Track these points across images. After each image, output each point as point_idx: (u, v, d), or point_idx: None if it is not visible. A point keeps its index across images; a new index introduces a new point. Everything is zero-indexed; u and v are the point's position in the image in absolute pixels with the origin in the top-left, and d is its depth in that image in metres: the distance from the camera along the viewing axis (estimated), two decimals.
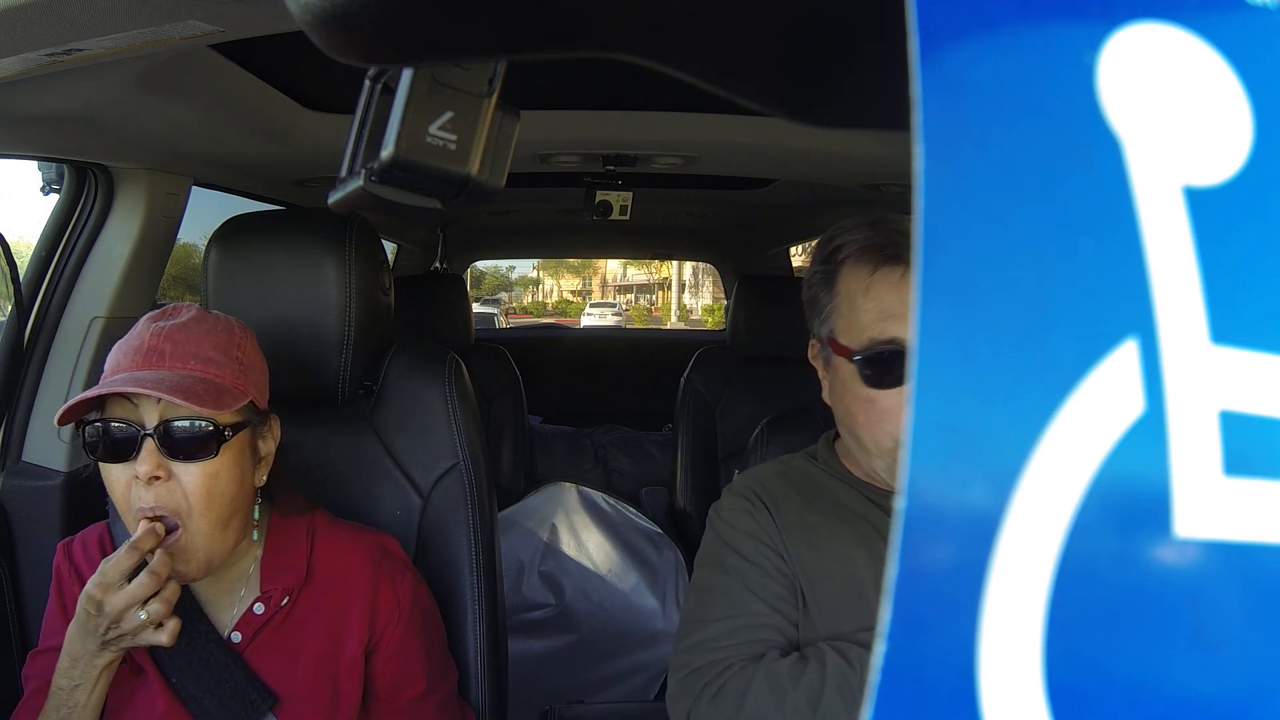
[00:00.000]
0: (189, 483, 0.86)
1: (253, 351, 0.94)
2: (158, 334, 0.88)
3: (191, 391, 0.83)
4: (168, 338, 0.87)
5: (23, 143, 1.13)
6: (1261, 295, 0.19)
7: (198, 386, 0.85)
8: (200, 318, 0.91)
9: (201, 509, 0.86)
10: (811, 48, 0.27)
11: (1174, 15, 0.19)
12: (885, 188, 1.78)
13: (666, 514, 2.36)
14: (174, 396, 0.82)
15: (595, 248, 4.38)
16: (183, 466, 0.85)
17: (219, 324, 0.92)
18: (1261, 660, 0.18)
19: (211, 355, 0.88)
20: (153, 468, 0.84)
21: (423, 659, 1.00)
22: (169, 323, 0.89)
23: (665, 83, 0.36)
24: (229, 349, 0.90)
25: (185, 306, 0.93)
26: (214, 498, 0.87)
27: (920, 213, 0.17)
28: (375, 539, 1.02)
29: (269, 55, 1.08)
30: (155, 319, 0.90)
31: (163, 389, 0.83)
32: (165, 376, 0.85)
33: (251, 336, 0.95)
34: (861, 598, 0.91)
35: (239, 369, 0.90)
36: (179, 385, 0.84)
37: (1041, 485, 0.17)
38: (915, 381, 0.17)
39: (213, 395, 0.85)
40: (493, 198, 0.37)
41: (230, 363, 0.90)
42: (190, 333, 0.89)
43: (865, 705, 0.17)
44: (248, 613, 0.94)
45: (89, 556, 0.96)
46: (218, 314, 0.94)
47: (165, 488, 0.85)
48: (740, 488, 1.01)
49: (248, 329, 0.95)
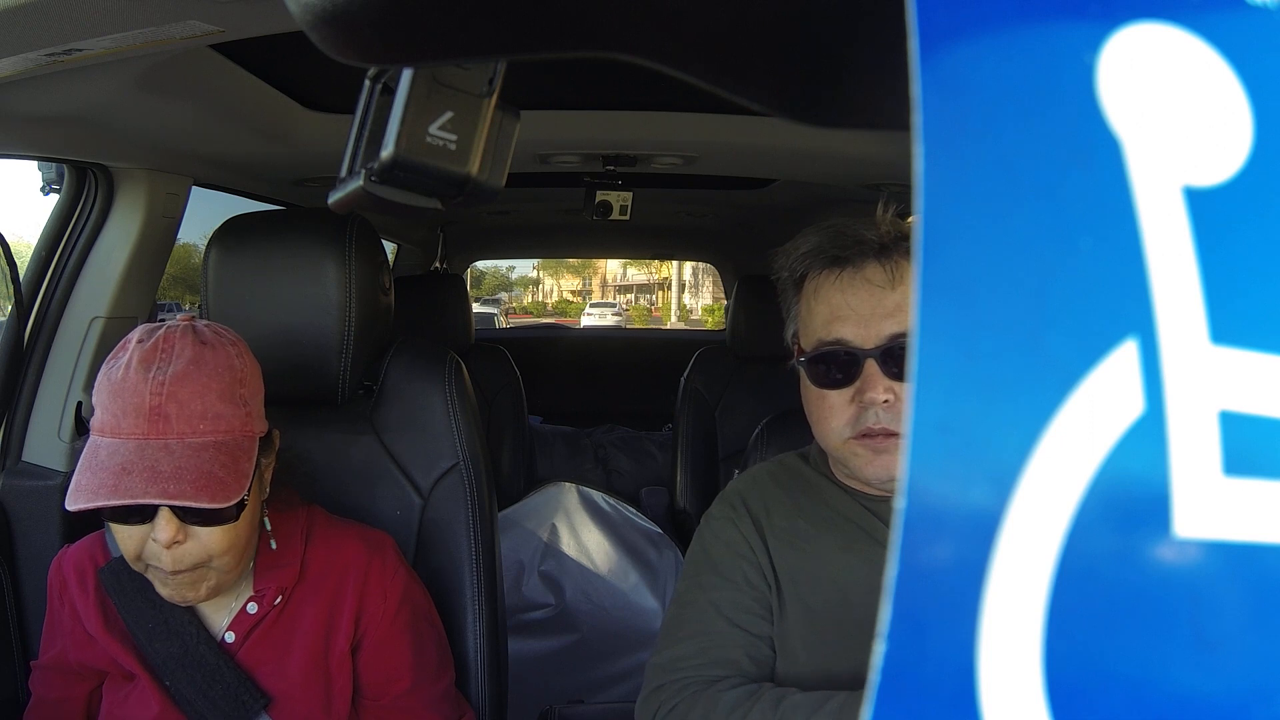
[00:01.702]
0: (209, 541, 0.83)
1: (252, 374, 0.89)
2: (158, 389, 0.80)
3: (212, 477, 0.79)
4: (170, 395, 0.80)
5: (23, 143, 1.13)
6: (1261, 295, 0.19)
7: (216, 466, 0.80)
8: (198, 359, 0.83)
9: (221, 555, 0.85)
10: (811, 47, 0.27)
11: (1174, 15, 0.19)
12: (885, 188, 1.78)
13: (666, 514, 2.36)
14: (195, 499, 0.77)
15: (595, 248, 4.38)
16: (202, 529, 0.83)
17: (219, 360, 0.84)
18: (1261, 660, 0.18)
19: (219, 409, 0.83)
20: (173, 535, 0.81)
21: (409, 655, 0.99)
22: (168, 370, 0.81)
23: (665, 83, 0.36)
24: (233, 390, 0.84)
25: (179, 333, 0.85)
26: (234, 545, 0.86)
27: (920, 213, 0.17)
28: (370, 536, 1.02)
29: (269, 55, 1.08)
30: (149, 361, 0.82)
31: (189, 485, 0.78)
32: (179, 457, 0.79)
33: (245, 351, 0.89)
34: (845, 602, 0.91)
35: (245, 410, 0.85)
36: (200, 473, 0.79)
37: (1041, 485, 0.17)
38: (915, 381, 0.17)
39: (230, 468, 0.81)
40: (493, 197, 0.37)
41: (237, 408, 0.84)
42: (193, 384, 0.82)
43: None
44: (241, 612, 0.94)
45: (81, 576, 0.95)
46: (212, 339, 0.86)
47: (184, 549, 0.83)
48: (729, 494, 1.03)
49: (239, 342, 0.89)
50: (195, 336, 0.85)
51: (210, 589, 0.87)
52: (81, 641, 0.94)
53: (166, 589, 0.86)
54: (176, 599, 0.87)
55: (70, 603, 0.95)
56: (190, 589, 0.86)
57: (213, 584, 0.87)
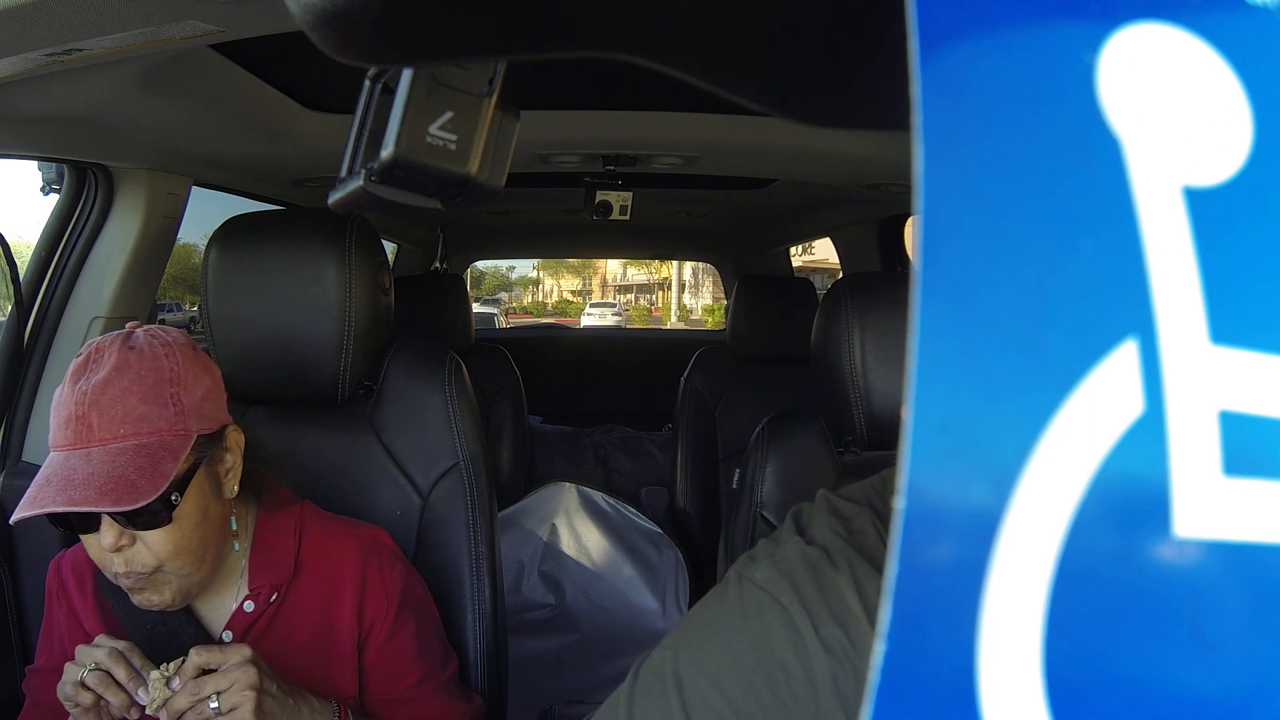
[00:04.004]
0: (154, 544, 0.84)
1: (191, 375, 0.86)
2: (81, 398, 0.81)
3: (123, 480, 0.79)
4: (92, 404, 0.81)
5: (23, 143, 1.13)
6: (1261, 295, 0.19)
7: (130, 469, 0.80)
8: (122, 365, 0.83)
9: (171, 559, 0.85)
10: (811, 47, 0.27)
11: (1174, 15, 0.19)
12: (885, 188, 1.78)
13: (666, 514, 2.37)
14: (98, 503, 0.77)
15: (595, 248, 4.39)
16: (143, 534, 0.83)
17: (145, 364, 0.84)
18: (1261, 660, 0.18)
19: (142, 411, 0.82)
20: (115, 540, 0.82)
21: (415, 648, 1.00)
22: (91, 380, 0.82)
23: (665, 83, 0.36)
24: (159, 392, 0.84)
25: (110, 342, 0.85)
26: (181, 548, 0.85)
27: (920, 213, 0.17)
28: (364, 531, 1.02)
29: (269, 55, 1.08)
30: (79, 372, 0.83)
31: (94, 491, 0.78)
32: (96, 463, 0.79)
33: (188, 352, 0.87)
34: None
35: (175, 411, 0.84)
36: (111, 477, 0.79)
37: (1041, 485, 0.17)
38: (915, 381, 0.17)
39: (148, 472, 0.80)
40: (493, 197, 0.37)
41: (163, 409, 0.83)
42: (113, 389, 0.82)
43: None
44: (238, 610, 0.94)
45: (79, 578, 0.95)
46: (144, 343, 0.85)
47: (131, 552, 0.83)
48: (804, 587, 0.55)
49: (184, 345, 0.88)
50: (125, 343, 0.85)
51: (176, 592, 0.87)
52: (79, 642, 0.94)
53: (133, 596, 0.86)
54: (144, 604, 0.87)
55: (68, 605, 0.95)
56: (154, 593, 0.86)
57: (175, 587, 0.86)
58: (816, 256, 9.31)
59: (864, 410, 1.20)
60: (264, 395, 1.16)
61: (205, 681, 0.82)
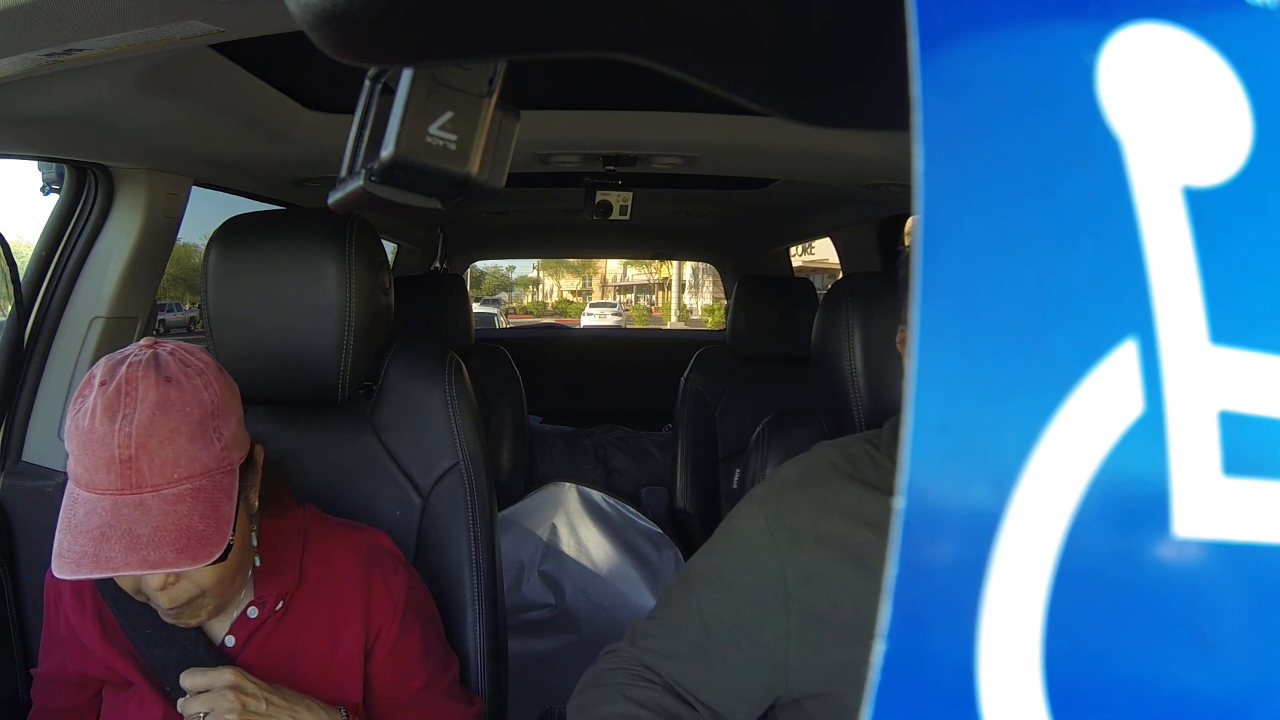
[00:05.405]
0: (201, 579, 0.83)
1: (224, 401, 0.83)
2: (126, 441, 0.76)
3: (191, 533, 0.76)
4: (140, 447, 0.76)
5: (23, 143, 1.13)
6: (1261, 295, 0.19)
7: (195, 518, 0.77)
8: (164, 402, 0.78)
9: (214, 586, 0.85)
10: (811, 47, 0.27)
11: (1174, 15, 0.19)
12: (885, 188, 1.78)
13: (666, 514, 2.37)
14: (177, 563, 0.75)
15: (595, 248, 4.39)
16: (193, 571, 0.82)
17: (187, 399, 0.80)
18: (1261, 660, 0.18)
19: (192, 452, 0.79)
20: (162, 583, 0.81)
21: (420, 652, 1.00)
22: (134, 419, 0.77)
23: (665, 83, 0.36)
24: (204, 429, 0.80)
25: (141, 370, 0.79)
26: (224, 576, 0.85)
27: (920, 213, 0.17)
28: (366, 536, 1.02)
29: (269, 55, 1.08)
30: (113, 409, 0.77)
31: (169, 550, 0.75)
32: (155, 514, 0.76)
33: (215, 376, 0.84)
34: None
35: (220, 446, 0.81)
36: (179, 530, 0.76)
37: (1041, 485, 0.17)
38: (915, 381, 0.17)
39: (212, 519, 0.78)
40: (493, 198, 0.37)
41: (209, 446, 0.80)
42: (160, 430, 0.77)
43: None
44: (241, 616, 0.94)
45: (76, 586, 0.95)
46: (177, 372, 0.81)
47: (178, 588, 0.82)
48: (769, 505, 0.88)
49: (214, 368, 0.84)
50: (159, 373, 0.80)
51: (211, 611, 0.88)
52: (79, 653, 0.94)
53: (169, 619, 0.87)
54: (179, 624, 0.88)
55: (65, 616, 0.95)
56: (191, 616, 0.86)
57: (212, 607, 0.88)
58: (816, 256, 9.31)
59: (864, 410, 1.20)
60: (264, 395, 1.16)
61: (190, 702, 0.85)
